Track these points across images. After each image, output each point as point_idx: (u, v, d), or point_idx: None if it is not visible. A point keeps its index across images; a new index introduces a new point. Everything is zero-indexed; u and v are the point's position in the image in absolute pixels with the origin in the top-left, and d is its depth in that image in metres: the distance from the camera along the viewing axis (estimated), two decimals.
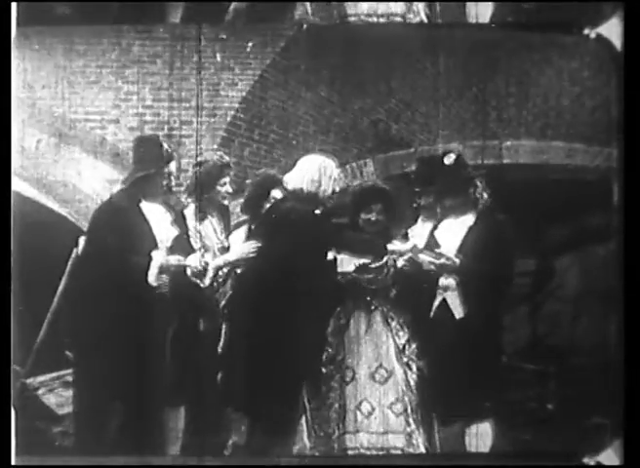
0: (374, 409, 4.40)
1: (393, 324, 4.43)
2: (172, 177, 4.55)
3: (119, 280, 4.34)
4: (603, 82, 4.54)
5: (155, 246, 4.43)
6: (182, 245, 4.51)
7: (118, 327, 4.30)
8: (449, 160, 4.50)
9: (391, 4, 4.78)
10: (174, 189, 4.60)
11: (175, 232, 4.51)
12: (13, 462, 4.13)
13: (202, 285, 4.47)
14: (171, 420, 4.38)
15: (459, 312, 4.41)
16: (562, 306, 4.73)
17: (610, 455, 4.23)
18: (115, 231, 4.37)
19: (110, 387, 4.31)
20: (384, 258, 4.46)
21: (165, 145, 4.58)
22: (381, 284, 4.46)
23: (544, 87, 4.73)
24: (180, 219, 4.55)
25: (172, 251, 4.47)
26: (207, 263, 4.47)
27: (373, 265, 4.45)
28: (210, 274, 4.47)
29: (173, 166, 4.55)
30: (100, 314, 4.34)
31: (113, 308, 4.32)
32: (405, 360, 4.40)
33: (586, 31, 4.48)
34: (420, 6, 4.80)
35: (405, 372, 4.40)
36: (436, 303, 4.45)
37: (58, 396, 4.65)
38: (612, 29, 4.37)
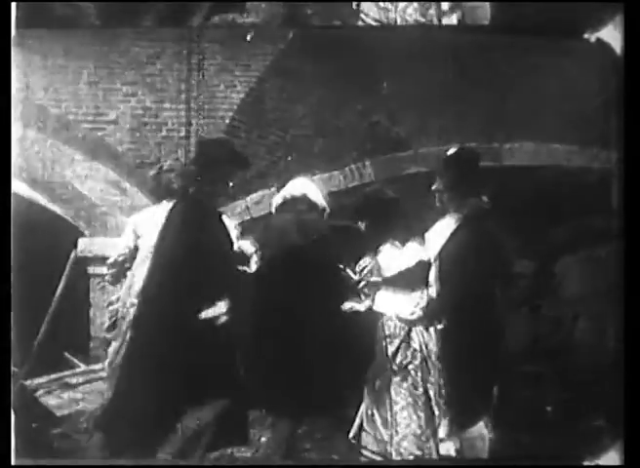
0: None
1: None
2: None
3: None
4: (603, 85, 4.55)
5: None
6: None
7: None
8: (450, 151, 4.43)
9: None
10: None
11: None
12: (13, 463, 4.13)
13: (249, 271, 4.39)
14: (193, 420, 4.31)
15: None
16: (562, 308, 4.74)
17: (610, 458, 4.24)
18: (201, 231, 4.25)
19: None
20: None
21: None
22: None
23: (544, 90, 4.74)
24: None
25: None
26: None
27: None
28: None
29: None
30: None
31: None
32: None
33: (586, 35, 4.50)
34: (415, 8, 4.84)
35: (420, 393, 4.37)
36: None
37: (57, 398, 4.64)
38: (612, 33, 4.39)
